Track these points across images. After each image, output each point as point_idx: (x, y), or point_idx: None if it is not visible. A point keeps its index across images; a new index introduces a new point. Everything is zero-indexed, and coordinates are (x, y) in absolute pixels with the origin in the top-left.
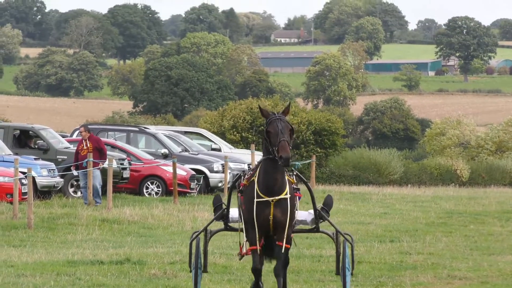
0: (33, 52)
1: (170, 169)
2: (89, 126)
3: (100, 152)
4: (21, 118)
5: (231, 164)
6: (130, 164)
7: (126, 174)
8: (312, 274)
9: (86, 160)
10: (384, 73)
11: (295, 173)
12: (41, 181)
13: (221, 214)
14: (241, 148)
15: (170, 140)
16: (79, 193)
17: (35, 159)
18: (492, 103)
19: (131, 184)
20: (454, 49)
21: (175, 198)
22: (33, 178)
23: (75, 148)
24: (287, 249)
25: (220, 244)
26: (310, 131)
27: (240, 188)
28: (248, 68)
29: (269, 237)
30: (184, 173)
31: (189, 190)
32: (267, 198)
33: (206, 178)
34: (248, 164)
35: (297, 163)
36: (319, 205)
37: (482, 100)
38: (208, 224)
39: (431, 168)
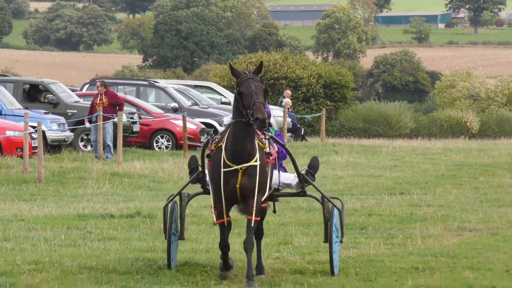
0: (43, 6)
1: (180, 123)
2: (98, 80)
3: (115, 107)
4: (30, 72)
5: None
6: (140, 118)
7: (136, 128)
8: (322, 227)
9: (96, 114)
10: (394, 26)
11: (267, 137)
12: (51, 135)
13: (197, 177)
14: None
15: (180, 94)
16: (89, 147)
17: (45, 113)
18: (502, 55)
19: (141, 138)
20: (464, 1)
21: (185, 152)
22: (43, 132)
23: (87, 102)
24: (258, 221)
25: None
26: (320, 85)
27: (208, 153)
28: (257, 22)
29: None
30: (194, 127)
31: (199, 144)
32: (235, 167)
33: (216, 131)
34: None
35: (307, 116)
36: (304, 168)
37: (492, 52)
38: (183, 188)
39: (441, 121)
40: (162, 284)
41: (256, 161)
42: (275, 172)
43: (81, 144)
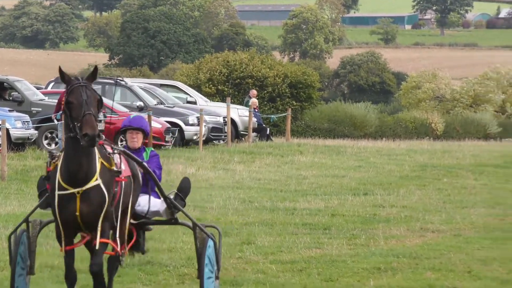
0: (9, 3)
1: None
2: None
3: None
4: None
5: (206, 117)
6: (105, 116)
7: (101, 126)
8: (285, 227)
9: (60, 112)
10: (361, 27)
11: (117, 152)
12: (15, 133)
13: (46, 201)
14: (217, 101)
15: (145, 92)
16: (53, 145)
17: (9, 110)
18: (468, 57)
19: (106, 137)
20: (431, 3)
21: None
22: (7, 130)
23: (52, 100)
24: (104, 248)
25: (194, 197)
26: (286, 84)
27: (47, 175)
28: (225, 21)
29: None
30: (159, 126)
31: (164, 143)
32: (71, 190)
33: (181, 131)
34: (223, 117)
35: (272, 116)
36: (173, 191)
37: (458, 54)
38: (30, 214)
39: (406, 122)
40: (124, 283)
41: (96, 180)
42: (144, 197)
43: (45, 142)
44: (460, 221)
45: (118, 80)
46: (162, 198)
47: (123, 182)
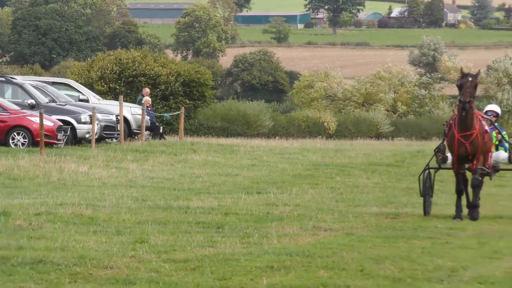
0: None
1: (37, 119)
2: None
3: None
4: None
5: (99, 115)
6: None
7: None
8: (179, 226)
9: None
10: (253, 25)
11: None
12: None
13: None
14: (109, 99)
15: (37, 90)
16: None
17: None
18: (360, 56)
19: None
20: (323, 2)
21: (41, 149)
22: None
23: None
24: None
25: (86, 195)
26: (179, 83)
27: None
28: (117, 19)
29: None
30: (51, 124)
31: (56, 141)
32: None
33: (73, 129)
34: (116, 115)
35: (165, 114)
36: None
37: (350, 53)
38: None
39: (299, 121)
40: (15, 282)
41: None
42: None
43: None
44: (352, 219)
45: (9, 78)
46: None
47: None
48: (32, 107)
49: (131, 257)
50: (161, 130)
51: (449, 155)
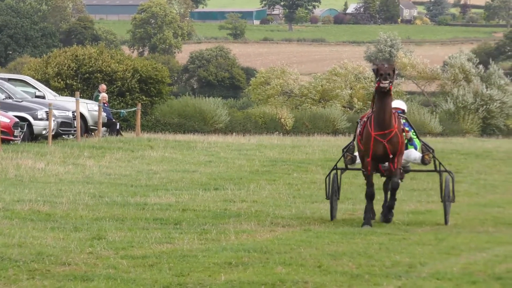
0: None
1: None
2: None
3: None
4: None
5: (55, 112)
6: None
7: None
8: (136, 222)
9: None
10: (209, 22)
11: None
12: None
13: None
14: (66, 96)
15: None
16: None
17: None
18: (316, 52)
19: None
20: None
21: None
22: None
23: None
24: None
25: (44, 192)
26: (135, 79)
27: None
28: (73, 15)
29: None
30: (7, 120)
31: (12, 138)
32: None
33: (30, 125)
34: (72, 112)
35: (122, 111)
36: None
37: (307, 49)
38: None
39: (256, 117)
40: None
41: None
42: None
43: None
44: (310, 215)
45: None
46: None
47: None
48: None
49: (88, 253)
50: (118, 127)
51: (357, 154)
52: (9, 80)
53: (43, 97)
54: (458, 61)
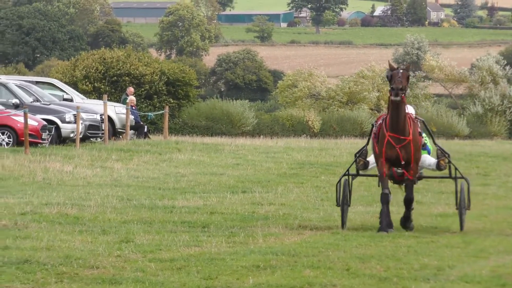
0: None
1: (21, 119)
2: None
3: None
4: None
5: (83, 115)
6: None
7: None
8: (164, 225)
9: None
10: (237, 24)
11: None
12: None
13: None
14: (94, 99)
15: (21, 90)
16: None
17: None
18: (343, 55)
19: None
20: (306, 1)
21: (26, 149)
22: None
23: None
24: None
25: (72, 195)
26: (163, 82)
27: None
28: (100, 18)
29: None
30: (35, 124)
31: (40, 141)
32: None
33: (57, 128)
34: (100, 115)
35: (150, 114)
36: None
37: (334, 52)
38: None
39: (283, 120)
40: (1, 282)
41: None
42: None
43: None
44: (338, 218)
45: None
46: None
47: None
48: (16, 106)
49: (116, 256)
50: (145, 129)
51: (370, 159)
52: (37, 83)
53: (71, 100)
54: (486, 64)
